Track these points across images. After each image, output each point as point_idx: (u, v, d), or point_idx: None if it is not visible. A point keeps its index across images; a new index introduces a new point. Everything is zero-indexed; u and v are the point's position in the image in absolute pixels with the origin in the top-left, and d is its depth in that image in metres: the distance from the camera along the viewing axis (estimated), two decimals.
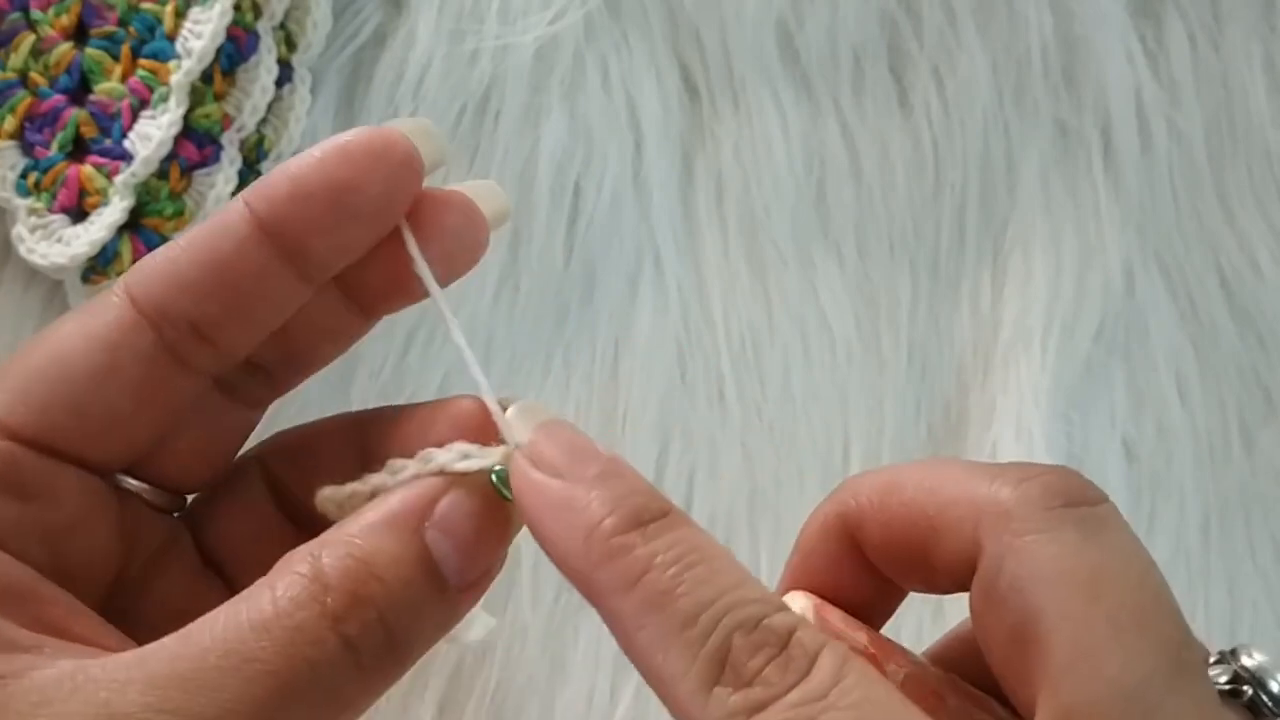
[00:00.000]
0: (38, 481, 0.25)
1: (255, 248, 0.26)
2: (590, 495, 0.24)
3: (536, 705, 0.47)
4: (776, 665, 0.22)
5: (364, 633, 0.23)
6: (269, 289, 0.26)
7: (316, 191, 0.26)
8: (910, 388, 0.52)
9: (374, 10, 0.51)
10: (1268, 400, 0.54)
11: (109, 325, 0.26)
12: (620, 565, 0.23)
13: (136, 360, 0.26)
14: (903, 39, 0.54)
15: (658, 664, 0.22)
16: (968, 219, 0.54)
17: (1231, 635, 0.51)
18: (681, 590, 0.23)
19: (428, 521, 0.25)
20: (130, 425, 0.27)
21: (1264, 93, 0.56)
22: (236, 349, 0.27)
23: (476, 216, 0.28)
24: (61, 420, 0.26)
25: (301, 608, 0.23)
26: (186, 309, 0.26)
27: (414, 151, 0.26)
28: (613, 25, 0.52)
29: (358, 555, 0.24)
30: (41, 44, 0.47)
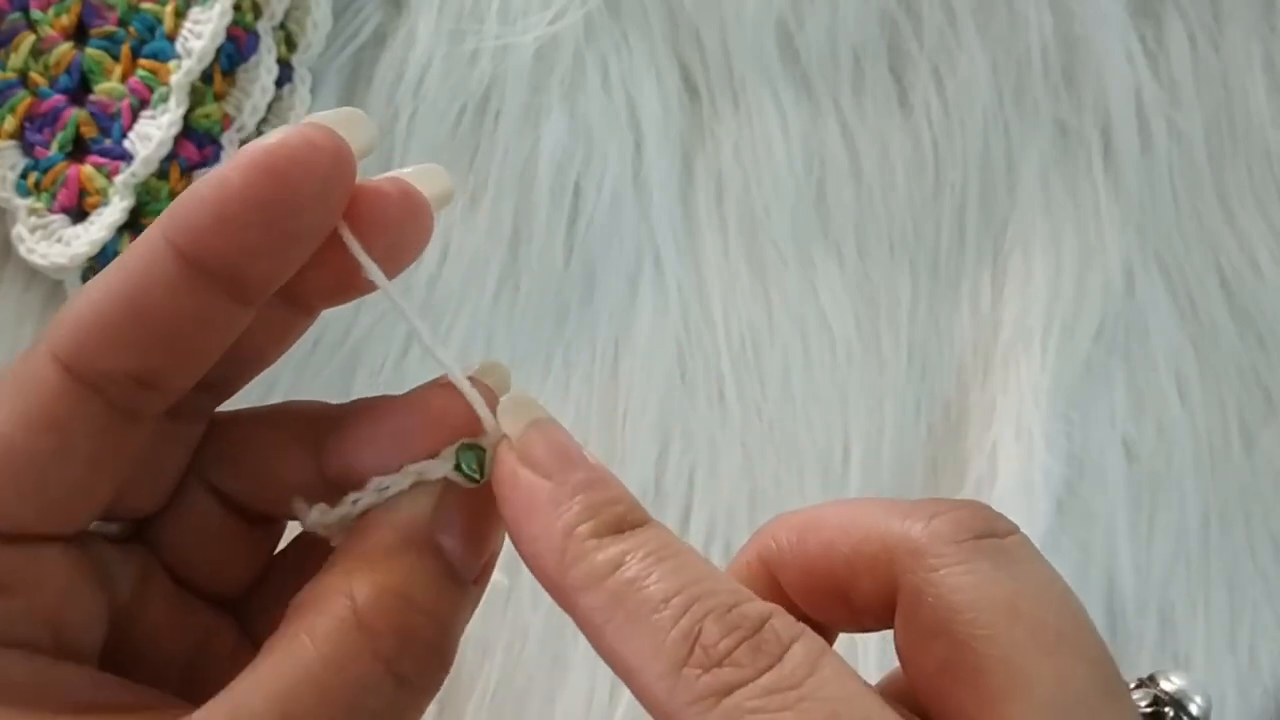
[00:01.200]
0: (12, 573, 0.24)
1: (187, 288, 0.23)
2: (574, 500, 0.24)
3: (536, 705, 0.47)
4: (748, 647, 0.21)
5: (416, 664, 0.23)
6: (209, 325, 0.24)
7: (244, 215, 0.23)
8: (910, 388, 0.52)
9: (374, 10, 0.51)
10: (1268, 400, 0.54)
11: (48, 402, 0.24)
12: (592, 563, 0.23)
13: (87, 433, 0.24)
14: (903, 39, 0.54)
15: (627, 652, 0.22)
16: (968, 219, 0.54)
17: (1232, 635, 0.51)
18: (652, 579, 0.22)
19: (437, 529, 0.25)
20: (90, 492, 0.25)
21: (1264, 93, 0.56)
22: (183, 387, 0.25)
23: (419, 202, 0.26)
24: (20, 510, 0.24)
25: (354, 659, 0.22)
26: (128, 367, 0.24)
27: (344, 149, 0.24)
28: (613, 25, 0.52)
29: (393, 588, 0.23)
30: (41, 44, 0.47)
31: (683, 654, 0.21)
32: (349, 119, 0.25)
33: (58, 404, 0.24)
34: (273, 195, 0.23)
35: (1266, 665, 0.51)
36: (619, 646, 0.22)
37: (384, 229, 0.25)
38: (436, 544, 0.24)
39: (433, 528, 0.24)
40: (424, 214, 0.26)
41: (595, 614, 0.23)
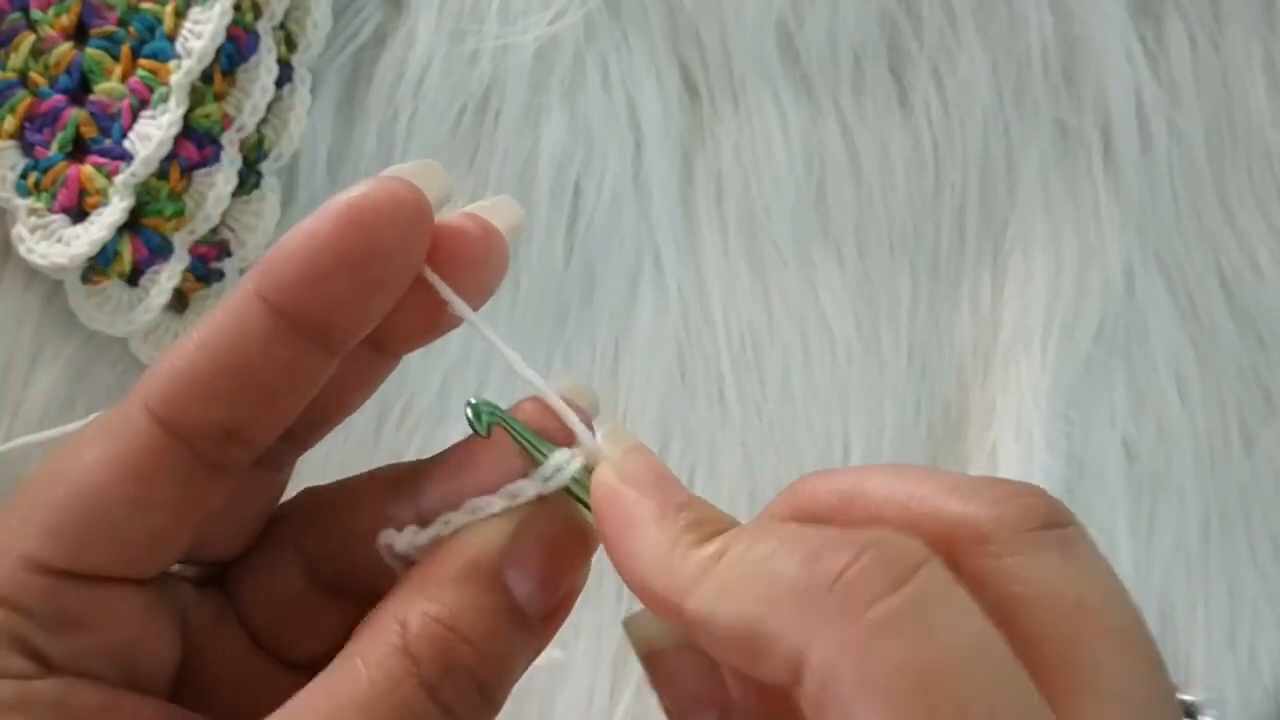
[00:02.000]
0: (89, 608, 0.25)
1: (280, 342, 0.24)
2: (679, 515, 0.24)
3: (536, 705, 0.47)
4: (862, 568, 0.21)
5: (460, 697, 0.23)
6: (297, 376, 0.25)
7: (334, 269, 0.24)
8: (910, 388, 0.52)
9: (374, 10, 0.51)
10: (1268, 400, 0.54)
11: (137, 452, 0.24)
12: (700, 557, 0.23)
13: (172, 483, 0.25)
14: (903, 39, 0.54)
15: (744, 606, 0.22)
16: (968, 219, 0.54)
17: (1231, 635, 0.51)
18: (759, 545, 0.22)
19: (506, 563, 0.24)
20: (172, 540, 0.26)
21: (1264, 93, 0.56)
22: (269, 438, 0.26)
23: (494, 237, 0.27)
24: (102, 553, 0.25)
25: (398, 684, 0.23)
26: (218, 419, 0.24)
27: (423, 201, 0.25)
28: (613, 25, 0.52)
29: (444, 620, 0.24)
30: (41, 44, 0.47)
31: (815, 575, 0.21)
32: (425, 170, 0.26)
33: (147, 453, 0.24)
34: (360, 247, 0.24)
35: (1266, 665, 0.51)
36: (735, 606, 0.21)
37: (465, 267, 0.26)
38: (502, 578, 0.24)
39: (501, 560, 0.24)
40: (500, 247, 0.27)
41: (707, 599, 0.22)
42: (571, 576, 0.25)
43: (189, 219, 0.47)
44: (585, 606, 0.49)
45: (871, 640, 0.20)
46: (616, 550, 0.24)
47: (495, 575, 0.24)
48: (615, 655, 0.47)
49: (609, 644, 0.47)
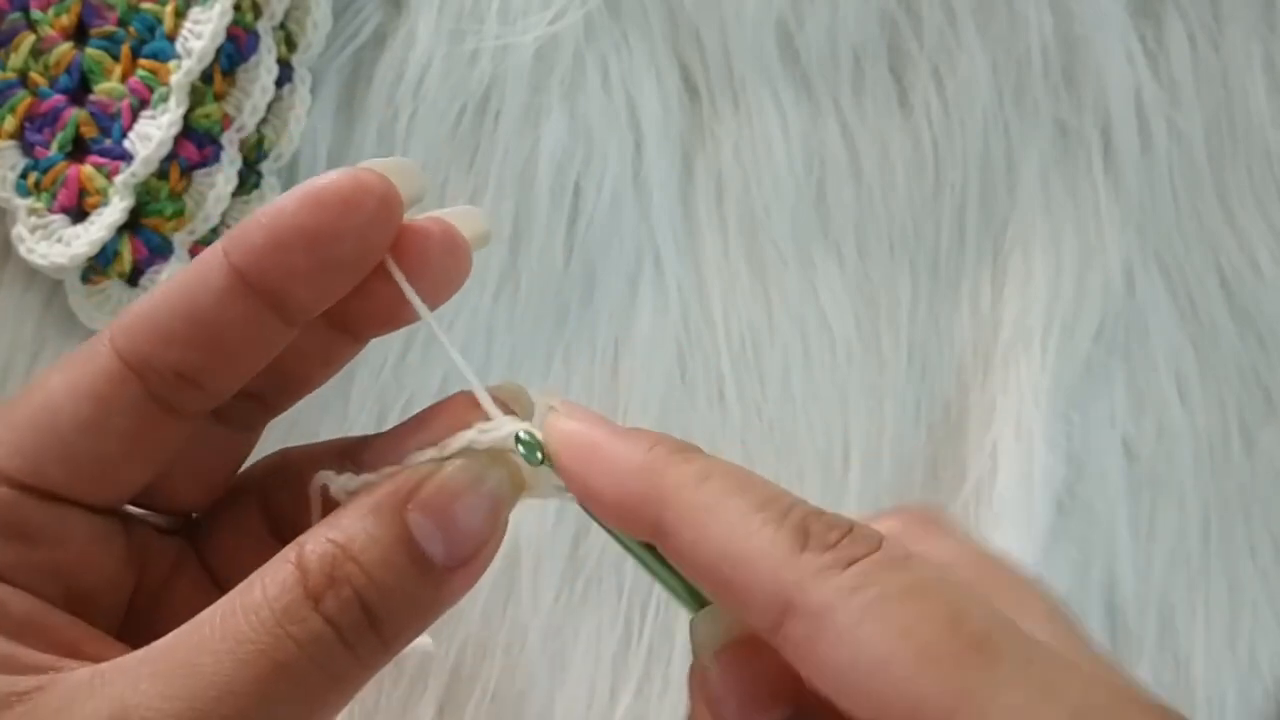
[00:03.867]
0: (42, 524, 0.26)
1: (235, 298, 0.26)
2: (639, 434, 0.26)
3: (536, 705, 0.47)
4: (851, 539, 0.24)
5: (342, 610, 0.25)
6: (252, 335, 0.27)
7: (293, 241, 0.26)
8: (910, 388, 0.52)
9: (374, 10, 0.51)
10: (1268, 400, 0.54)
11: (95, 377, 0.26)
12: (690, 466, 0.25)
13: (124, 411, 0.26)
14: (903, 39, 0.54)
15: (740, 539, 0.24)
16: (968, 219, 0.54)
17: (1231, 635, 0.51)
18: (750, 484, 0.25)
19: (410, 504, 0.26)
20: (123, 469, 0.27)
21: (1264, 93, 0.56)
22: (224, 390, 0.28)
23: (459, 242, 0.28)
24: (55, 470, 0.26)
25: (286, 591, 0.24)
26: (171, 360, 0.26)
27: (392, 192, 0.27)
28: (613, 25, 0.52)
29: (337, 540, 0.25)
30: (41, 44, 0.47)
31: (800, 541, 0.24)
32: (400, 167, 0.27)
33: (103, 380, 0.26)
34: (318, 225, 0.26)
35: (1266, 665, 0.51)
36: (729, 539, 0.24)
37: (425, 266, 0.28)
38: (404, 516, 0.26)
39: (405, 498, 0.26)
40: (463, 254, 0.29)
41: (700, 511, 0.25)
42: (477, 532, 0.26)
43: (189, 219, 0.47)
44: (585, 607, 0.49)
45: (858, 580, 0.23)
46: (588, 471, 0.26)
47: (397, 511, 0.26)
48: (615, 655, 0.47)
49: (609, 644, 0.47)
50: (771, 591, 0.24)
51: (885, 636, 0.23)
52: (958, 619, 0.23)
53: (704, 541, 0.25)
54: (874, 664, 0.22)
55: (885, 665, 0.22)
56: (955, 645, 0.22)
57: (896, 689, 0.22)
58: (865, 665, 0.23)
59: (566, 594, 0.47)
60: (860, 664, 0.23)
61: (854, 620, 0.23)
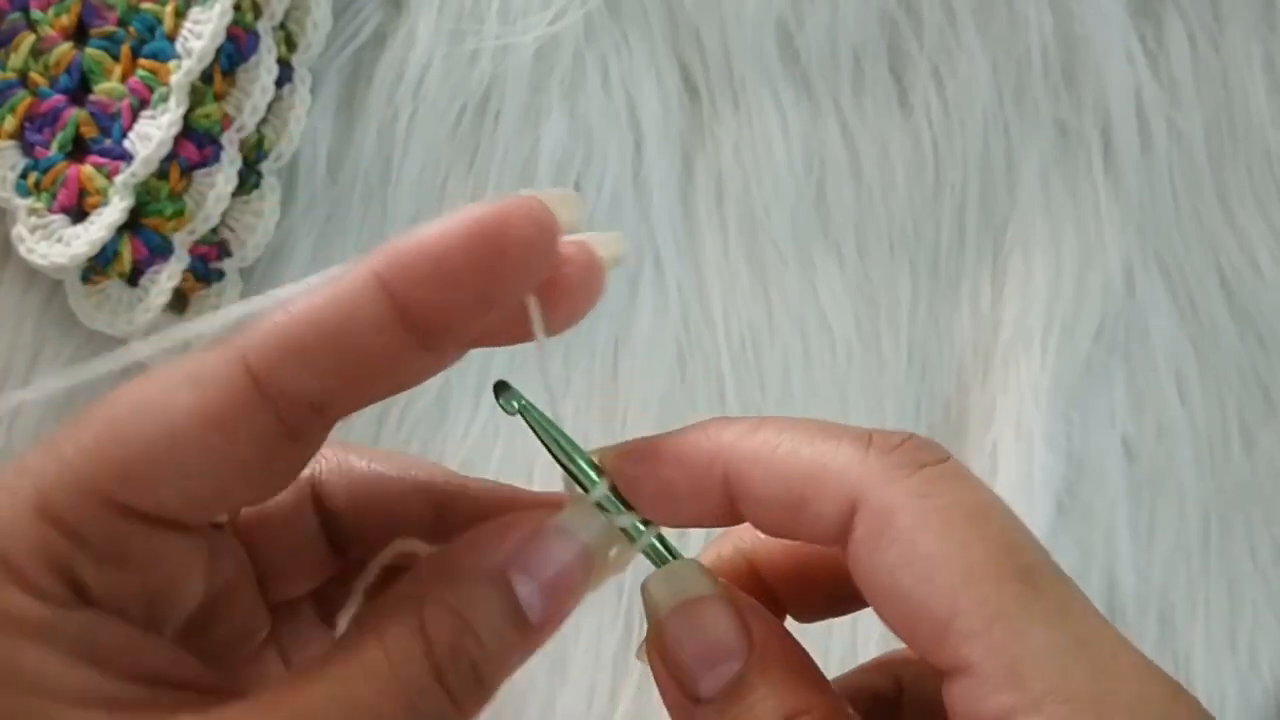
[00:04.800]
0: (135, 548, 0.25)
1: (387, 330, 0.24)
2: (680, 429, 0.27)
3: (536, 705, 0.47)
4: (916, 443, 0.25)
5: (460, 680, 0.25)
6: (395, 366, 0.25)
7: (460, 273, 0.24)
8: (910, 388, 0.52)
9: (374, 10, 0.51)
10: (1268, 400, 0.54)
11: (225, 405, 0.24)
12: (742, 423, 0.26)
13: (253, 443, 0.25)
14: (903, 39, 0.54)
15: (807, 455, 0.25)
16: (968, 219, 0.54)
17: (1231, 635, 0.51)
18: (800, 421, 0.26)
19: (515, 568, 0.26)
20: (236, 497, 0.27)
21: (1264, 93, 0.56)
22: (345, 413, 0.26)
23: (596, 268, 0.28)
24: (170, 497, 0.25)
25: (411, 662, 0.25)
26: (311, 390, 0.25)
27: (555, 226, 0.25)
28: (613, 25, 0.52)
29: (459, 610, 0.25)
30: (41, 44, 0.47)
31: (865, 443, 0.25)
32: (565, 199, 0.26)
33: (236, 408, 0.24)
34: (488, 257, 0.24)
35: (1266, 665, 0.51)
36: (796, 460, 0.25)
37: (562, 292, 0.27)
38: (508, 581, 0.26)
39: (508, 565, 0.26)
40: (597, 279, 0.28)
41: (763, 448, 0.26)
42: (571, 598, 0.27)
43: (189, 219, 0.47)
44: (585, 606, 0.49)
45: (927, 487, 0.24)
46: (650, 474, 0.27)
47: (504, 576, 0.26)
48: (615, 655, 0.47)
49: (609, 644, 0.47)
50: (840, 494, 0.25)
51: (941, 546, 0.23)
52: (1012, 548, 0.24)
53: (772, 471, 0.26)
54: (924, 569, 0.23)
55: (934, 573, 0.23)
56: (1006, 570, 0.23)
57: (937, 597, 0.23)
58: (917, 568, 0.24)
59: None
60: (912, 566, 0.24)
61: (915, 525, 0.24)
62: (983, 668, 0.23)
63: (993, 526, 0.24)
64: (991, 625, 0.23)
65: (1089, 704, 0.22)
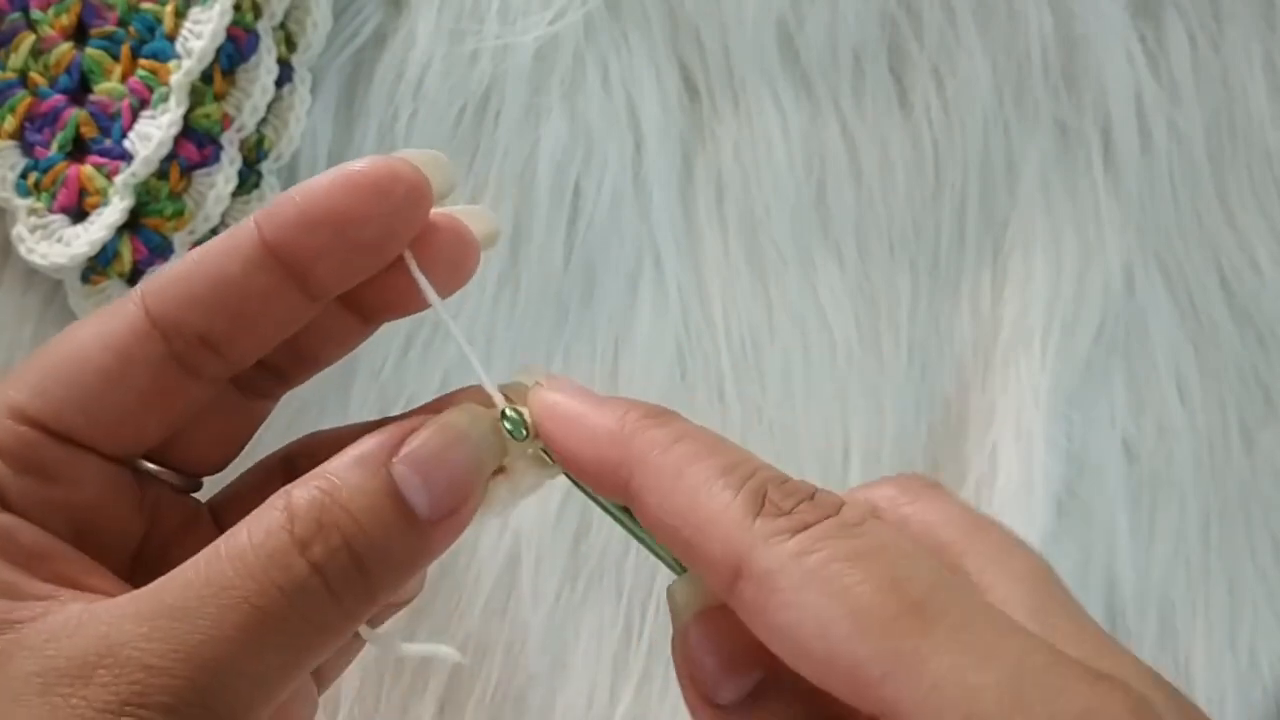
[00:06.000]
0: (59, 465, 0.28)
1: (262, 269, 0.27)
2: (615, 402, 0.27)
3: (536, 705, 0.47)
4: (809, 505, 0.25)
5: (330, 557, 0.25)
6: (275, 307, 0.28)
7: (323, 221, 0.27)
8: (910, 388, 0.52)
9: (374, 10, 0.51)
10: (1268, 400, 0.54)
11: (122, 331, 0.28)
12: (660, 430, 0.27)
13: (145, 367, 0.28)
14: (903, 39, 0.54)
15: (700, 503, 0.25)
16: (968, 219, 0.54)
17: (1231, 635, 0.51)
18: (718, 449, 0.26)
19: (395, 457, 0.26)
20: (139, 423, 0.28)
21: (1264, 93, 0.56)
22: (244, 358, 0.29)
23: (469, 240, 0.30)
24: (74, 416, 0.27)
25: (272, 536, 0.25)
26: (195, 323, 0.28)
27: (423, 183, 0.28)
28: (613, 25, 0.52)
29: (324, 488, 0.26)
30: (41, 44, 0.47)
31: (755, 507, 0.25)
32: (433, 160, 0.29)
33: (129, 335, 0.28)
34: (349, 208, 0.27)
35: (1266, 665, 0.51)
36: (692, 501, 0.25)
37: (436, 259, 0.29)
38: (389, 469, 0.26)
39: (390, 454, 0.26)
40: (472, 251, 0.30)
41: (666, 473, 0.26)
42: (458, 488, 0.27)
43: (189, 219, 0.47)
44: (585, 607, 0.49)
45: (807, 544, 0.24)
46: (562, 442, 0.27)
47: (383, 462, 0.26)
48: (615, 655, 0.47)
49: (609, 644, 0.47)
50: (725, 554, 0.25)
51: (826, 600, 0.23)
52: (899, 583, 0.23)
53: (667, 504, 0.26)
54: (816, 627, 0.23)
55: (825, 628, 0.23)
56: (893, 609, 0.23)
57: (836, 651, 0.23)
58: (808, 628, 0.23)
59: (567, 593, 0.47)
60: (804, 626, 0.23)
61: (798, 584, 0.24)
62: (909, 702, 0.22)
63: (877, 565, 0.24)
64: (892, 668, 0.23)
65: (1014, 708, 0.22)
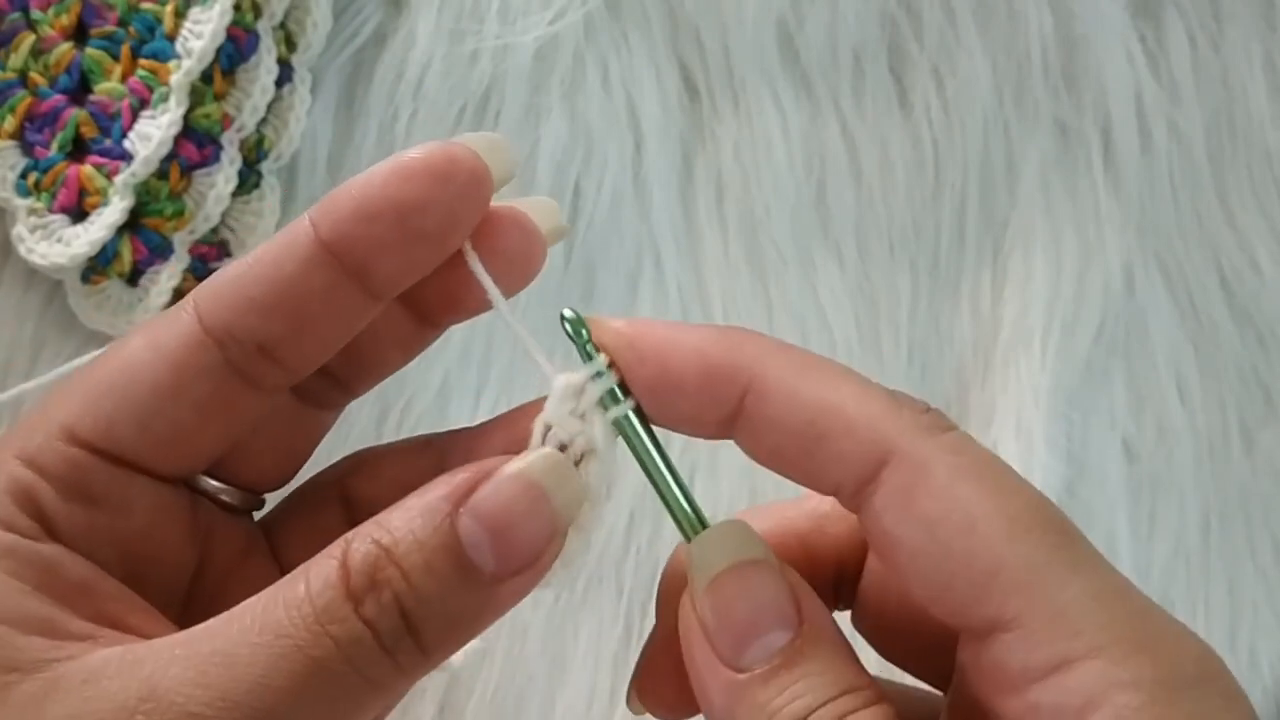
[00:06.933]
0: (107, 489, 0.26)
1: (320, 267, 0.26)
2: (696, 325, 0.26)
3: (536, 705, 0.47)
4: (938, 412, 0.26)
5: (382, 615, 0.23)
6: (334, 307, 0.26)
7: (381, 211, 0.26)
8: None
9: (374, 10, 0.51)
10: (1268, 400, 0.54)
11: (176, 342, 0.26)
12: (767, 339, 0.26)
13: (201, 378, 0.26)
14: (903, 39, 0.54)
15: (840, 393, 0.25)
16: (968, 219, 0.54)
17: (1231, 635, 0.51)
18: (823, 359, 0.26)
19: (463, 507, 0.24)
20: (195, 439, 0.27)
21: (1264, 93, 0.56)
22: (304, 365, 0.27)
23: (535, 235, 0.28)
24: (127, 433, 0.26)
25: (328, 588, 0.23)
26: (252, 328, 0.26)
27: (482, 169, 0.26)
28: (613, 25, 0.52)
29: (383, 541, 0.24)
30: (41, 44, 0.47)
31: (896, 402, 0.25)
32: (493, 144, 0.27)
33: (182, 345, 0.26)
34: (406, 196, 0.26)
35: (1266, 665, 0.51)
36: (826, 394, 0.25)
37: (500, 255, 0.27)
38: (454, 521, 0.24)
39: (458, 504, 0.24)
40: (538, 246, 0.28)
41: (792, 368, 0.26)
42: (530, 543, 0.25)
43: (189, 219, 0.47)
44: (585, 607, 0.49)
45: (958, 445, 0.25)
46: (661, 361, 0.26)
47: (447, 514, 0.24)
48: (615, 655, 0.47)
49: (609, 644, 0.47)
50: (870, 441, 0.25)
51: (980, 498, 0.24)
52: (1042, 502, 0.24)
53: (800, 396, 0.25)
54: (964, 521, 0.23)
55: (974, 525, 0.23)
56: (1042, 523, 0.24)
57: (980, 549, 0.23)
58: (956, 521, 0.24)
59: (566, 594, 0.47)
60: (952, 519, 0.24)
61: (952, 478, 0.24)
62: (1030, 620, 0.23)
63: (1022, 484, 0.25)
64: (1037, 577, 0.23)
65: (1139, 646, 0.23)
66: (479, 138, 0.27)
